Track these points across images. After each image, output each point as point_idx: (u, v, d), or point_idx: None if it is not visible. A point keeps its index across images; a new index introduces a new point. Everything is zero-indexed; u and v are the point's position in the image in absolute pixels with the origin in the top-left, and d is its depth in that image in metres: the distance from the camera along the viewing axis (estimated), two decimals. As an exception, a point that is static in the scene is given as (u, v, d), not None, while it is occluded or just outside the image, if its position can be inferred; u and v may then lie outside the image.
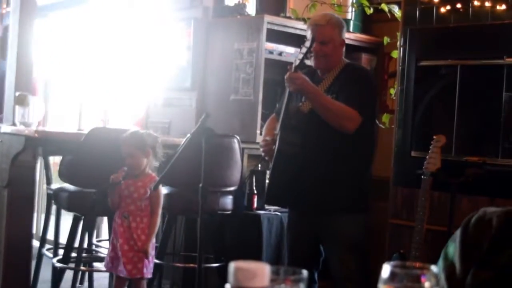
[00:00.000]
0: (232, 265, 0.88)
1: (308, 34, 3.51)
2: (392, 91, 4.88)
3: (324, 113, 3.36)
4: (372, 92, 3.58)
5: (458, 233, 1.54)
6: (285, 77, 3.39)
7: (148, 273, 3.70)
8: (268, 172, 4.52)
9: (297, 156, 3.44)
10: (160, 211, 3.74)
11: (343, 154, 3.44)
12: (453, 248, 1.52)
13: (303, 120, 3.45)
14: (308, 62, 3.51)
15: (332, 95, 3.44)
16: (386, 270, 0.95)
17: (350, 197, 3.48)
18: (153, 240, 3.72)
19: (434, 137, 3.59)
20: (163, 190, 3.89)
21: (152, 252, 3.69)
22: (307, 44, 3.34)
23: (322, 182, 3.43)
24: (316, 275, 3.62)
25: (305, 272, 0.95)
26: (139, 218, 3.68)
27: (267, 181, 3.89)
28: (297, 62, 3.36)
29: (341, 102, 3.37)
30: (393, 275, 0.94)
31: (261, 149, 3.61)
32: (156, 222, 3.72)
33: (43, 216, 5.34)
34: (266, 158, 3.60)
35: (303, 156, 3.44)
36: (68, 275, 4.58)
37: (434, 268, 0.96)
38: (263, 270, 0.87)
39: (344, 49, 3.61)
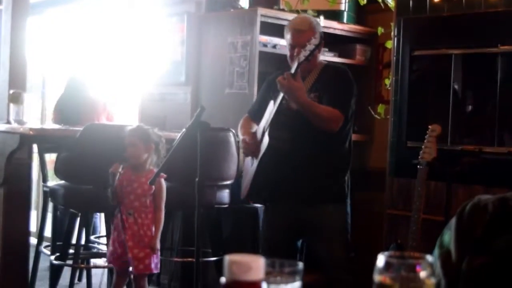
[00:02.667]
0: (227, 259, 0.87)
1: (288, 39, 3.58)
2: (387, 81, 4.88)
3: (314, 120, 3.45)
4: (351, 90, 3.62)
5: (453, 220, 1.54)
6: (285, 84, 3.38)
7: (155, 268, 3.73)
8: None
9: (284, 151, 3.53)
10: (163, 206, 3.75)
11: (327, 149, 3.54)
12: (448, 236, 1.52)
13: (291, 117, 3.51)
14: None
15: (315, 93, 3.53)
16: (381, 260, 0.94)
17: (334, 188, 3.58)
18: (159, 235, 3.73)
19: (430, 126, 3.59)
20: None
21: (158, 247, 3.71)
22: (315, 42, 3.35)
23: (307, 175, 3.53)
24: None
25: (300, 264, 0.94)
26: (144, 214, 3.69)
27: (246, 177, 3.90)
28: (302, 58, 3.36)
29: (325, 102, 3.48)
30: (388, 265, 0.94)
31: (244, 151, 3.68)
32: (161, 217, 3.74)
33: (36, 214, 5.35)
34: (251, 157, 3.65)
35: (290, 151, 3.53)
36: (66, 272, 4.58)
37: (429, 257, 0.96)
38: (257, 263, 0.87)
39: (321, 52, 3.69)
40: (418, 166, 3.52)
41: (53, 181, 4.60)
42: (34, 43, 7.13)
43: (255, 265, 0.87)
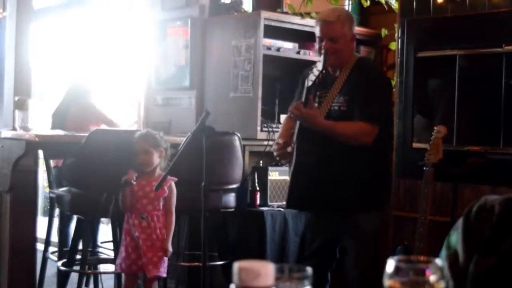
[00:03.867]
0: (236, 265, 0.87)
1: (317, 31, 3.44)
2: (392, 83, 4.87)
3: (340, 139, 3.35)
4: (386, 93, 3.51)
5: (460, 222, 1.54)
6: (298, 114, 3.33)
7: (164, 272, 3.75)
8: (269, 168, 4.56)
9: (315, 164, 3.44)
10: (174, 209, 3.76)
11: (360, 158, 3.40)
12: (455, 237, 1.52)
13: (316, 130, 3.40)
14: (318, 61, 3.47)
15: (344, 97, 3.40)
16: (390, 265, 0.94)
17: (370, 195, 3.46)
18: (171, 238, 3.75)
19: (435, 128, 3.58)
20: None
21: (171, 250, 3.72)
22: (319, 66, 3.29)
23: (341, 186, 3.41)
24: (329, 275, 3.63)
25: (309, 269, 0.94)
26: (156, 218, 3.71)
27: (273, 176, 3.80)
28: (309, 83, 3.33)
29: (356, 113, 3.35)
30: (397, 270, 0.94)
31: (275, 153, 3.58)
32: (173, 220, 3.77)
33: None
34: (283, 161, 3.59)
35: (320, 164, 3.43)
36: (74, 277, 4.59)
37: (438, 261, 0.95)
38: (267, 269, 0.87)
39: (354, 43, 3.58)
40: (424, 168, 3.51)
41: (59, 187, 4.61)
42: (53, 50, 7.17)
43: (264, 271, 0.87)
